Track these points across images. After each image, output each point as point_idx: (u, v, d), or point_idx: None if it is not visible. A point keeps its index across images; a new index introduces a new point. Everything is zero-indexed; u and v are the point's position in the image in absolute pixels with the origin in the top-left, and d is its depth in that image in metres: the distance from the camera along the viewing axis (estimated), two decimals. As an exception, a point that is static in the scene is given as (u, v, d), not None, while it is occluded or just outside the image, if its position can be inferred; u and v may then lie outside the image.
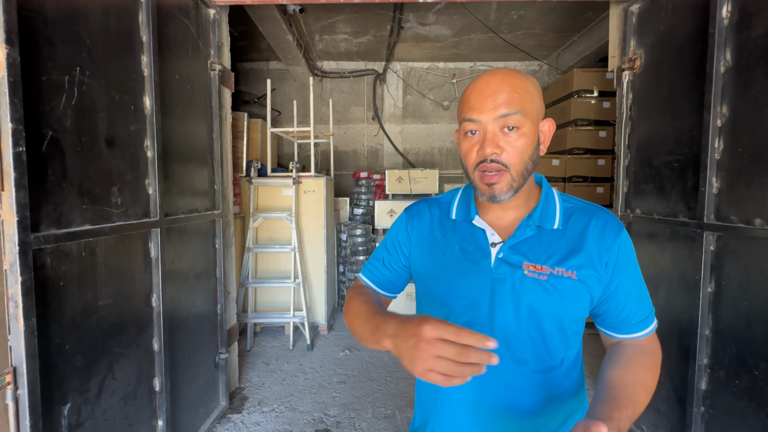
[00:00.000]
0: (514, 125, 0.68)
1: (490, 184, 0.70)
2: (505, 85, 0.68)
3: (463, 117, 0.72)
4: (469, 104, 0.70)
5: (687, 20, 1.81)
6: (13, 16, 1.07)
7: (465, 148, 0.72)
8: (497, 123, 0.68)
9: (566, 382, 0.75)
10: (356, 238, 3.92)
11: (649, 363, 0.72)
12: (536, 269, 0.72)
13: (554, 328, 0.72)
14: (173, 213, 1.87)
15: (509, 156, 0.69)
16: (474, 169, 0.71)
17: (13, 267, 1.11)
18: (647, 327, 0.75)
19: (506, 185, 0.70)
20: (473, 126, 0.70)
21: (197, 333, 2.12)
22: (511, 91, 0.68)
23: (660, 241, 1.98)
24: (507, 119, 0.68)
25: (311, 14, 4.04)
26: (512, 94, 0.68)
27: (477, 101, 0.69)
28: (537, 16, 4.09)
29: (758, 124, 1.47)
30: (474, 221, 0.79)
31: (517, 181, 0.70)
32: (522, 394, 0.73)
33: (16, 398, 1.13)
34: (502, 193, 0.70)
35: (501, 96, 0.67)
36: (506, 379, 0.73)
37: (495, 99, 0.67)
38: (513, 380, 0.73)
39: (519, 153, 0.69)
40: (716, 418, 1.65)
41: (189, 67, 2.03)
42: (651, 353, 0.73)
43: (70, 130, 1.28)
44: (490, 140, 0.68)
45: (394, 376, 2.87)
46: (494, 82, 0.69)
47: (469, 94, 0.71)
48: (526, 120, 0.68)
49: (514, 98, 0.68)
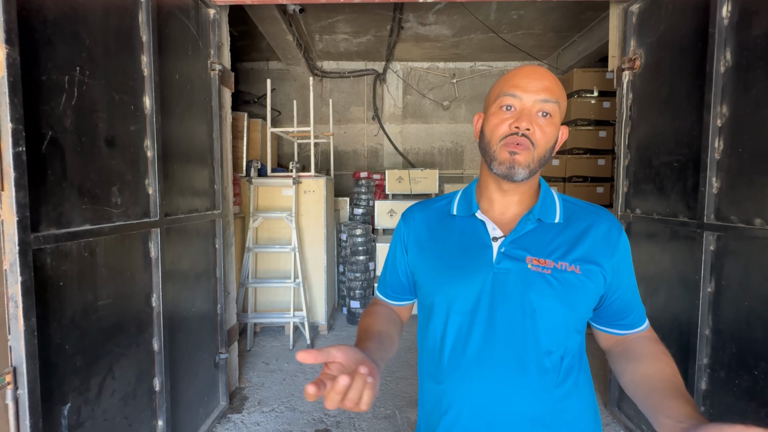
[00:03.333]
0: (549, 112, 0.72)
1: (514, 153, 0.71)
2: (549, 76, 0.73)
3: (502, 92, 0.73)
4: (513, 81, 0.72)
5: (687, 20, 1.81)
6: (12, 16, 1.07)
7: (496, 120, 0.73)
8: (536, 105, 0.71)
9: (571, 381, 0.74)
10: (356, 238, 3.92)
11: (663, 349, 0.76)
12: (540, 263, 0.72)
13: (559, 324, 0.72)
14: (173, 213, 1.87)
15: (538, 137, 0.71)
16: (500, 140, 0.73)
17: (13, 267, 1.11)
18: (646, 320, 0.80)
19: (526, 160, 0.71)
20: (512, 101, 0.72)
21: (197, 333, 2.12)
22: (553, 83, 0.72)
23: (660, 241, 1.98)
24: (545, 105, 0.71)
25: (311, 14, 4.04)
26: (554, 84, 0.72)
27: (522, 81, 0.72)
28: (537, 16, 4.09)
29: (758, 124, 1.46)
30: (476, 214, 0.80)
31: (535, 163, 0.72)
32: (526, 394, 0.71)
33: (16, 398, 1.13)
34: (520, 165, 0.71)
35: (545, 82, 0.71)
36: (509, 380, 0.71)
37: (540, 82, 0.71)
38: (517, 380, 0.71)
39: (546, 138, 0.72)
40: (716, 418, 1.65)
41: (189, 67, 2.03)
42: (657, 339, 0.78)
43: (70, 130, 1.28)
44: (526, 116, 0.71)
45: (394, 376, 2.87)
46: (540, 71, 0.73)
47: (514, 74, 0.73)
48: (558, 113, 0.73)
49: (555, 89, 0.72)
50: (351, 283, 3.93)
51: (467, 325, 0.75)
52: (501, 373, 0.72)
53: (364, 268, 3.92)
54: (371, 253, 4.02)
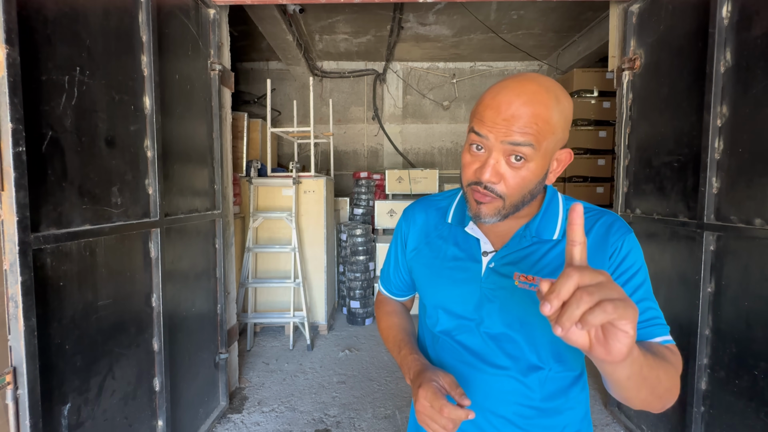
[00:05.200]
0: (522, 156, 0.61)
1: (479, 202, 0.66)
2: (527, 111, 0.60)
3: (471, 126, 0.65)
4: (482, 115, 0.63)
5: (687, 20, 1.81)
6: (12, 16, 1.07)
7: (466, 160, 0.67)
8: (504, 148, 0.61)
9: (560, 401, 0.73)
10: (356, 238, 3.91)
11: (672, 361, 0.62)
12: (527, 280, 0.68)
13: (545, 341, 0.70)
14: (173, 213, 1.87)
15: (507, 187, 0.64)
16: (467, 185, 0.68)
17: (13, 267, 1.11)
18: (667, 334, 0.66)
19: (494, 211, 0.66)
20: (479, 141, 0.64)
21: (197, 333, 2.12)
22: (531, 121, 0.60)
23: (660, 241, 1.98)
24: (516, 148, 0.61)
25: (311, 14, 4.04)
26: (531, 123, 0.60)
27: (491, 117, 0.61)
28: (537, 16, 4.09)
29: (758, 124, 1.46)
30: (467, 228, 0.76)
31: (507, 209, 0.66)
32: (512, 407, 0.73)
33: (16, 398, 1.13)
34: (487, 215, 0.67)
35: (518, 122, 0.60)
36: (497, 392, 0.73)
37: (510, 123, 0.60)
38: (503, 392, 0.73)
39: (519, 186, 0.64)
40: (716, 418, 1.65)
41: (189, 67, 2.03)
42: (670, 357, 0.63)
43: (70, 130, 1.28)
44: (490, 167, 0.63)
45: (394, 376, 2.87)
46: (516, 105, 0.60)
47: (486, 106, 0.63)
48: (536, 154, 0.62)
49: (531, 128, 0.60)
50: (351, 283, 3.93)
51: (456, 332, 0.77)
52: (489, 385, 0.73)
53: (364, 268, 3.92)
54: (371, 253, 4.01)
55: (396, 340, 0.83)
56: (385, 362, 3.08)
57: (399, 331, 0.85)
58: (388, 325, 0.89)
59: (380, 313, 0.94)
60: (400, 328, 0.87)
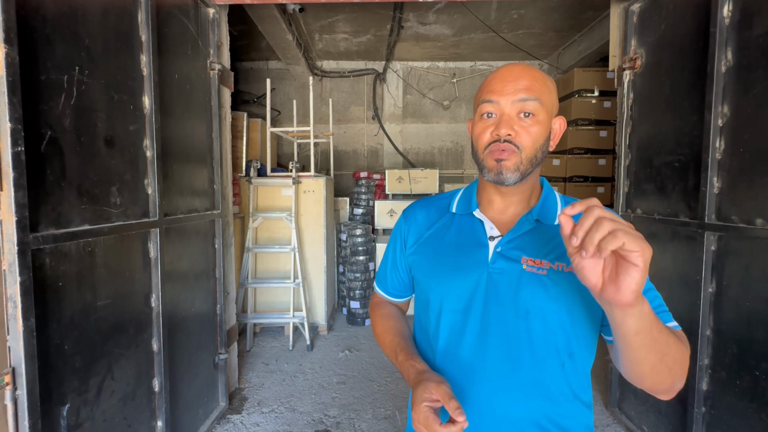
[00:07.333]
0: (530, 111, 0.70)
1: (500, 159, 0.70)
2: (527, 73, 0.71)
3: (481, 99, 0.73)
4: (490, 87, 0.72)
5: (688, 19, 1.81)
6: (12, 15, 1.06)
7: (479, 130, 0.73)
8: (515, 107, 0.70)
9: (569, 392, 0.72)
10: (356, 238, 3.91)
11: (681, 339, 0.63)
12: (535, 263, 0.71)
13: (555, 327, 0.70)
14: (172, 213, 1.87)
15: (522, 139, 0.70)
16: (485, 148, 0.72)
17: (11, 267, 1.10)
18: (668, 320, 0.67)
19: (514, 164, 0.70)
20: (491, 108, 0.71)
21: (197, 333, 2.11)
22: (532, 80, 0.70)
23: (661, 241, 1.98)
24: (525, 104, 0.69)
25: (311, 13, 4.03)
26: (532, 82, 0.70)
27: (498, 85, 0.71)
28: (537, 16, 4.09)
29: (759, 124, 1.46)
30: (474, 213, 0.80)
31: (524, 165, 0.71)
32: (518, 396, 0.71)
33: (15, 399, 1.13)
34: (509, 170, 0.70)
35: (522, 82, 0.70)
36: (501, 381, 0.71)
37: (516, 84, 0.70)
38: (509, 382, 0.71)
39: (532, 138, 0.70)
40: (717, 418, 1.65)
41: (188, 67, 2.03)
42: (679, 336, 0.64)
43: (69, 129, 1.28)
44: (506, 122, 0.70)
45: (393, 377, 2.87)
46: (516, 70, 0.71)
47: (491, 80, 0.73)
48: (542, 109, 0.70)
49: (534, 86, 0.70)
50: (351, 283, 3.92)
51: (460, 324, 0.75)
52: (493, 374, 0.72)
53: (364, 269, 3.92)
54: (371, 253, 4.01)
55: (392, 345, 0.83)
56: (385, 362, 3.08)
57: (395, 335, 0.85)
58: (384, 329, 0.88)
59: (375, 316, 0.94)
60: (397, 332, 0.86)
